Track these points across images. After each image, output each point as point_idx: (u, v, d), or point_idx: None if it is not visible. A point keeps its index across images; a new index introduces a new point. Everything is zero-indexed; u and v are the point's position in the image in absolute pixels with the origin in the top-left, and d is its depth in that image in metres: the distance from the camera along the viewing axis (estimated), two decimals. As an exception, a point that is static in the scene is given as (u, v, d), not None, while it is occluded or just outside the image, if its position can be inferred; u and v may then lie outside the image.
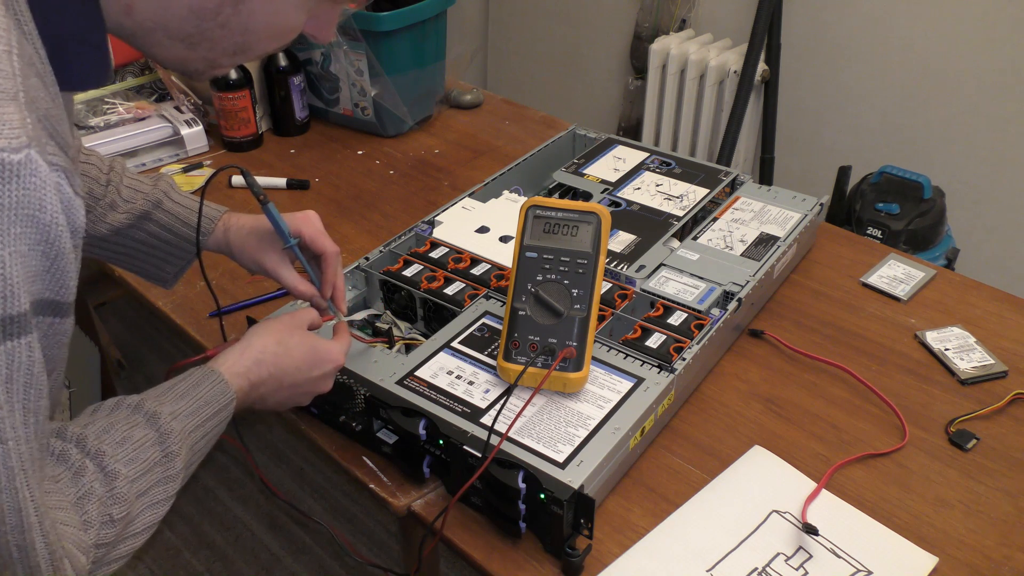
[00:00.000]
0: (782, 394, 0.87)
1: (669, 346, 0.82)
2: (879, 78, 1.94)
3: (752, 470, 0.78)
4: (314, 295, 0.78)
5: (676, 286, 0.91)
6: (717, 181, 1.12)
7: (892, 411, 0.84)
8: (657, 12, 2.24)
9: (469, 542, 0.71)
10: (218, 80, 1.30)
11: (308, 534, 1.68)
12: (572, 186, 1.13)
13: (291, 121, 1.42)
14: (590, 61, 2.51)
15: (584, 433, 0.72)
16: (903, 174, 1.73)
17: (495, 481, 0.68)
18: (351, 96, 1.41)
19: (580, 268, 0.76)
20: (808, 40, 2.01)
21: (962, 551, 0.70)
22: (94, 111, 1.32)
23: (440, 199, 1.19)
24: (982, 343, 0.92)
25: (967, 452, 0.80)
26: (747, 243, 0.99)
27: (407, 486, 0.76)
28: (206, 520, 1.72)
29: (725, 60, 2.06)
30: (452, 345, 0.82)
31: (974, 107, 1.82)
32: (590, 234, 0.77)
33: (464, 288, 0.90)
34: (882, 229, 1.70)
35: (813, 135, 2.11)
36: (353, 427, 0.79)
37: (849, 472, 0.78)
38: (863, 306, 1.00)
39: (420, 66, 1.41)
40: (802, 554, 0.69)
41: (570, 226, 0.78)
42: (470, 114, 1.53)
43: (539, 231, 0.78)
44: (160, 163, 1.33)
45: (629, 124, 2.41)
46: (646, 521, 0.73)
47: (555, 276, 0.77)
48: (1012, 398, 0.85)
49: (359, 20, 1.30)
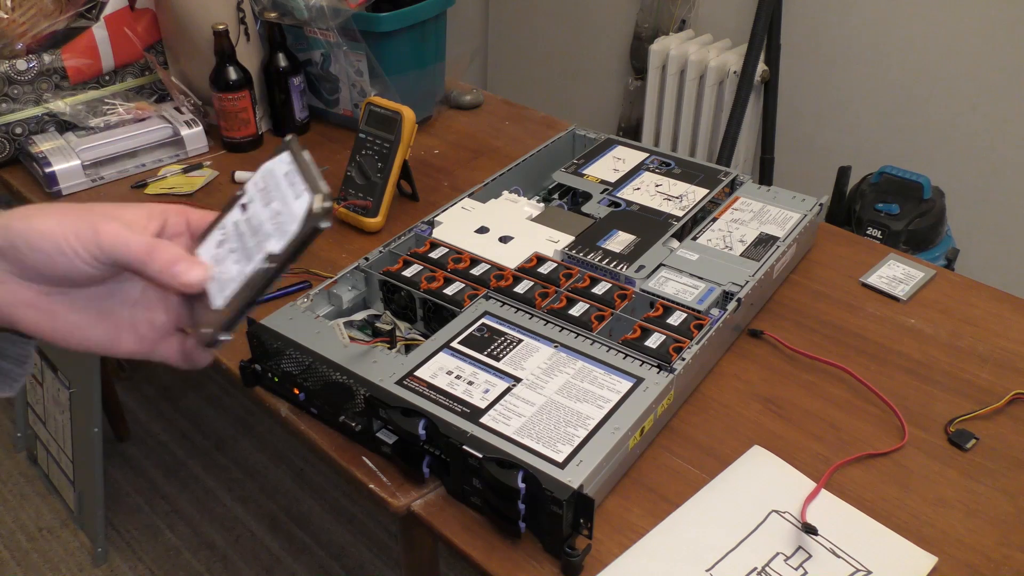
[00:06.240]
0: (782, 394, 0.87)
1: (668, 346, 0.82)
2: (879, 78, 1.94)
3: (752, 470, 0.78)
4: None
5: (675, 286, 0.91)
6: (717, 181, 1.12)
7: (892, 411, 0.84)
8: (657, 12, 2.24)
9: (469, 542, 0.71)
10: (218, 80, 1.30)
11: (308, 534, 1.68)
12: (572, 186, 1.13)
13: (291, 122, 1.42)
14: (590, 61, 2.51)
15: (584, 433, 0.72)
16: (903, 174, 1.73)
17: (495, 481, 0.68)
18: (351, 97, 1.41)
19: (386, 149, 1.10)
20: (808, 40, 2.01)
21: (962, 551, 0.70)
22: (94, 112, 1.32)
23: (440, 199, 1.19)
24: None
25: (966, 452, 0.80)
26: (747, 243, 0.99)
27: (407, 486, 0.76)
28: (206, 520, 1.72)
29: (725, 60, 2.06)
30: (452, 345, 0.82)
31: (974, 107, 1.82)
32: (396, 126, 1.09)
33: (464, 288, 0.90)
34: (882, 229, 1.70)
35: (813, 135, 2.11)
36: (353, 427, 0.79)
37: (848, 472, 0.78)
38: (863, 306, 1.00)
39: (420, 67, 1.41)
40: (801, 554, 0.69)
41: (387, 120, 1.10)
42: (470, 114, 1.53)
43: (370, 121, 1.12)
44: (160, 164, 1.33)
45: (629, 124, 2.41)
46: (646, 521, 0.73)
47: (371, 152, 1.11)
48: (1012, 398, 0.86)
49: (359, 21, 1.30)
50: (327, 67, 1.40)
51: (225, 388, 2.04)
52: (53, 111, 1.30)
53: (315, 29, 1.35)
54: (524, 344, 0.82)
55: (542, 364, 0.79)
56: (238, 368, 0.85)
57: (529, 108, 1.55)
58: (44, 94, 1.30)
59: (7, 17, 1.25)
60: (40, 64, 1.27)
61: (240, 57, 1.32)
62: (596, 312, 0.86)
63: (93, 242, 0.46)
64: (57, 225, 0.46)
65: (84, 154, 1.26)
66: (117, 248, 0.46)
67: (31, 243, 0.45)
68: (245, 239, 0.49)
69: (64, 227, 0.46)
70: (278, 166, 0.49)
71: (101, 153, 1.27)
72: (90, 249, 0.46)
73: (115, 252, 0.46)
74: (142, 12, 1.36)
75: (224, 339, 0.49)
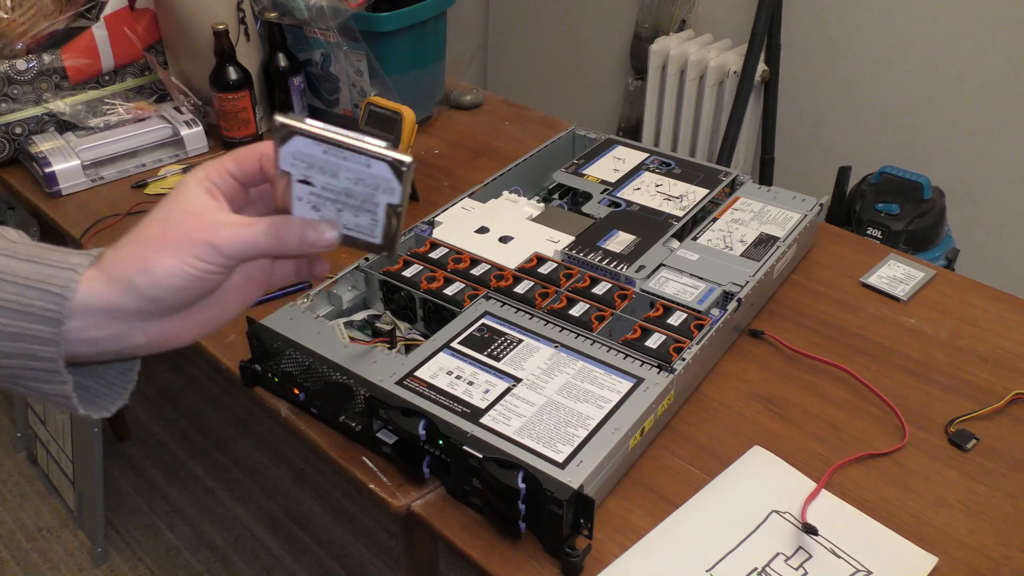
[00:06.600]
0: (782, 394, 0.87)
1: (669, 346, 0.82)
2: (879, 78, 1.94)
3: (752, 470, 0.78)
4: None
5: (676, 286, 0.91)
6: (717, 181, 1.12)
7: (892, 411, 0.84)
8: (657, 12, 2.24)
9: (469, 542, 0.71)
10: (218, 80, 1.30)
11: (308, 534, 1.68)
12: (572, 186, 1.13)
13: (291, 121, 1.42)
14: (590, 61, 2.51)
15: (584, 433, 0.72)
16: (903, 174, 1.73)
17: (495, 481, 0.68)
18: (351, 97, 1.41)
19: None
20: (808, 40, 2.01)
21: (962, 551, 0.70)
22: (94, 112, 1.32)
23: (440, 199, 1.19)
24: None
25: (967, 452, 0.80)
26: (747, 243, 0.99)
27: (407, 486, 0.76)
28: (206, 520, 1.72)
29: (725, 60, 2.06)
30: (452, 345, 0.82)
31: (974, 107, 1.82)
32: (396, 126, 1.09)
33: (464, 288, 0.90)
34: (882, 229, 1.70)
35: (813, 135, 2.11)
36: (353, 427, 0.79)
37: (849, 472, 0.78)
38: (863, 306, 1.00)
39: (420, 67, 1.41)
40: (802, 554, 0.69)
41: (387, 120, 1.10)
42: (470, 114, 1.53)
43: (370, 120, 1.12)
44: (160, 164, 1.33)
45: (629, 124, 2.41)
46: (646, 521, 0.73)
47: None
48: (1012, 398, 0.86)
49: (359, 20, 1.30)
50: (327, 67, 1.40)
51: (225, 388, 2.04)
52: (53, 111, 1.30)
53: (315, 29, 1.35)
54: (524, 344, 0.82)
55: (542, 364, 0.79)
56: (238, 368, 0.85)
57: (529, 108, 1.55)
58: (44, 94, 1.30)
59: (7, 17, 1.25)
60: (40, 64, 1.27)
61: (240, 57, 1.32)
62: (596, 312, 0.86)
63: (217, 255, 0.46)
64: (175, 259, 0.45)
65: (84, 154, 1.26)
66: (245, 248, 0.47)
67: (162, 285, 0.45)
68: (344, 200, 0.49)
69: (183, 257, 0.46)
70: (306, 148, 0.47)
71: (101, 153, 1.27)
72: (218, 262, 0.46)
73: (244, 252, 0.47)
74: (142, 12, 1.36)
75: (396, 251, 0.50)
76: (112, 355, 0.48)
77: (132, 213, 1.19)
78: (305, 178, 0.49)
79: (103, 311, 0.45)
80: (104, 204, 1.23)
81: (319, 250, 0.49)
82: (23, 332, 0.44)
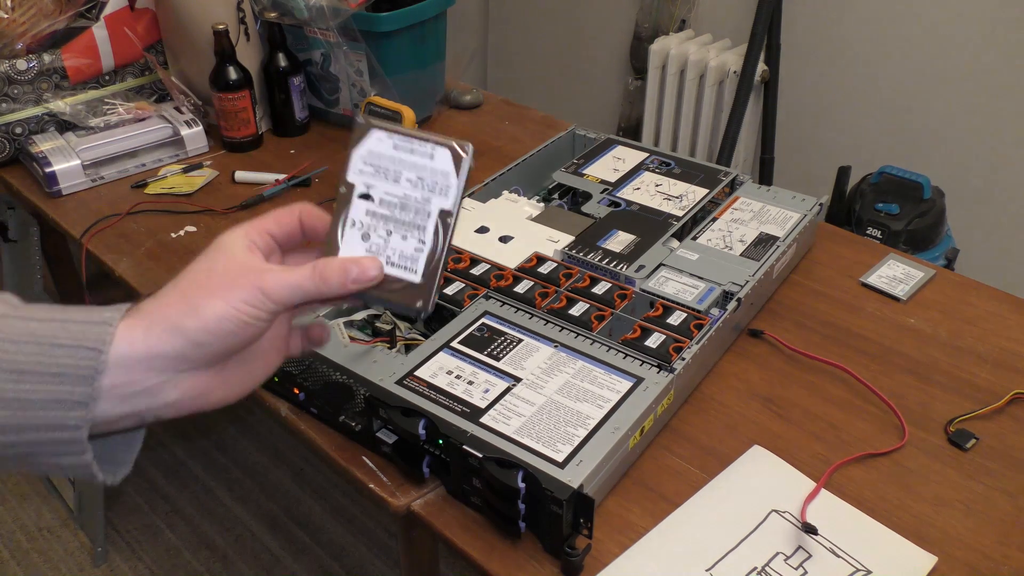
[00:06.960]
0: (782, 394, 0.87)
1: (668, 346, 0.82)
2: (879, 78, 1.94)
3: (752, 470, 0.78)
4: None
5: (675, 286, 0.91)
6: (717, 181, 1.12)
7: (891, 411, 0.84)
8: (657, 12, 2.24)
9: (469, 542, 0.71)
10: (218, 80, 1.30)
11: (308, 534, 1.68)
12: (572, 186, 1.13)
13: (291, 122, 1.42)
14: (590, 61, 2.51)
15: (584, 433, 0.72)
16: (903, 174, 1.73)
17: (495, 481, 0.68)
18: (351, 97, 1.41)
19: None
20: (808, 40, 2.01)
21: (961, 551, 0.70)
22: (94, 112, 1.32)
23: (440, 199, 1.19)
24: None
25: (966, 452, 0.80)
26: (747, 243, 0.99)
27: (407, 486, 0.76)
28: (206, 520, 1.72)
29: (725, 60, 2.06)
30: (452, 345, 0.82)
31: (974, 107, 1.82)
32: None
33: (464, 288, 0.90)
34: (882, 229, 1.70)
35: (813, 135, 2.11)
36: (353, 427, 0.79)
37: (848, 472, 0.78)
38: (863, 306, 1.00)
39: (420, 67, 1.41)
40: (801, 553, 0.70)
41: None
42: (470, 114, 1.53)
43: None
44: (160, 163, 1.33)
45: (629, 124, 2.41)
46: (646, 521, 0.73)
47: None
48: (1012, 398, 0.86)
49: (359, 20, 1.30)
50: (327, 67, 1.40)
51: (225, 388, 2.04)
52: (53, 111, 1.30)
53: (315, 29, 1.35)
54: (524, 344, 0.82)
55: (542, 364, 0.79)
56: (238, 368, 0.85)
57: (529, 108, 1.55)
58: (44, 94, 1.30)
59: (7, 17, 1.25)
60: (40, 64, 1.27)
61: (240, 57, 1.32)
62: (596, 312, 0.86)
63: (266, 301, 0.47)
64: (226, 303, 0.45)
65: (84, 154, 1.26)
66: (292, 293, 0.47)
67: (211, 329, 0.45)
68: (397, 216, 0.51)
69: (233, 302, 0.46)
70: (378, 145, 0.52)
71: (101, 153, 1.27)
72: (266, 307, 0.47)
73: (291, 297, 0.48)
74: (142, 12, 1.36)
75: (433, 305, 0.51)
76: (136, 418, 0.46)
77: (132, 213, 1.19)
78: (367, 190, 0.51)
79: (142, 360, 0.44)
80: (104, 204, 1.23)
81: (362, 286, 0.50)
82: (49, 398, 0.41)
